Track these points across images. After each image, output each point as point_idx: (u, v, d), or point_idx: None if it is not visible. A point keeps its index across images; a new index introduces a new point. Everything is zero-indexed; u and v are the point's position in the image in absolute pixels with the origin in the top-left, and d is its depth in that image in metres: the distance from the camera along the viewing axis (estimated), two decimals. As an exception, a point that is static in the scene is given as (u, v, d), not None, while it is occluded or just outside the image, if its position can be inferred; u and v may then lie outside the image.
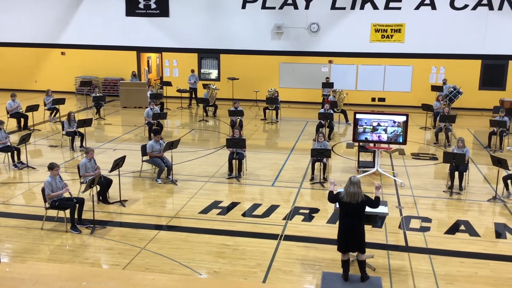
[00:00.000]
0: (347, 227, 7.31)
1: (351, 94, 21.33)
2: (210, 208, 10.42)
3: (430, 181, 12.39)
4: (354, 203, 7.20)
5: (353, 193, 7.19)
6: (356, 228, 7.27)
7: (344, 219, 7.37)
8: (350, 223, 7.29)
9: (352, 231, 7.29)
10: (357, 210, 7.25)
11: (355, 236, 7.28)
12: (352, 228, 7.28)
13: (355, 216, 7.27)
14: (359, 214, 7.29)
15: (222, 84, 22.89)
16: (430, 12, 21.18)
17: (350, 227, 7.29)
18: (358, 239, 7.29)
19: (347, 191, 7.25)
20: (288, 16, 22.27)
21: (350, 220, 7.29)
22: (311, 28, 22.24)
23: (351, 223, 7.29)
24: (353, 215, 7.27)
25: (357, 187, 7.22)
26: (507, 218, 10.08)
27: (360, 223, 7.30)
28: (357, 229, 7.28)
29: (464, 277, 7.74)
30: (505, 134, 15.54)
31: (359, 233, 7.30)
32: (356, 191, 7.20)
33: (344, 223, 7.36)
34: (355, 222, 7.27)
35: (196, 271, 7.84)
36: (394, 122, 12.09)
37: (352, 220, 7.28)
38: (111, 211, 10.24)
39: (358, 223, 7.29)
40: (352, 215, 7.28)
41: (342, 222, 7.39)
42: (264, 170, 13.03)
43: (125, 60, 24.10)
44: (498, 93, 21.04)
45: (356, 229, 7.27)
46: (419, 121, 18.82)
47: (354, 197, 7.19)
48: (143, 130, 16.98)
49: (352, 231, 7.29)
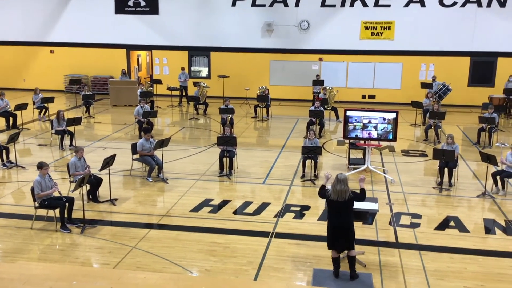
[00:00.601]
0: (335, 224, 7.33)
1: (342, 92, 21.39)
2: (201, 206, 10.40)
3: (420, 177, 12.47)
4: (342, 200, 7.20)
5: (340, 190, 7.20)
6: (345, 225, 7.29)
7: (332, 217, 7.38)
8: (339, 221, 7.30)
9: (341, 228, 7.29)
10: (345, 207, 7.26)
11: (344, 233, 7.29)
12: (341, 225, 7.29)
13: (344, 214, 7.28)
14: (347, 211, 7.30)
15: (212, 82, 22.85)
16: (419, 9, 21.28)
17: (339, 224, 7.30)
18: (347, 236, 7.29)
19: (334, 189, 7.25)
20: (278, 13, 22.27)
21: (339, 218, 7.30)
22: (301, 25, 22.26)
23: (339, 220, 7.30)
24: (341, 213, 7.28)
25: (344, 185, 7.21)
26: (496, 214, 10.17)
27: (348, 220, 7.31)
28: (346, 226, 7.29)
29: (454, 272, 7.81)
30: (494, 130, 15.67)
31: (348, 230, 7.30)
32: (343, 188, 7.20)
33: (332, 221, 7.38)
34: (343, 219, 7.28)
35: (187, 269, 7.83)
36: (384, 119, 12.15)
37: (340, 217, 7.29)
38: (101, 210, 10.19)
39: (347, 220, 7.30)
40: (340, 212, 7.28)
41: (331, 220, 7.40)
42: (255, 168, 13.04)
43: (114, 58, 23.96)
44: (487, 90, 21.20)
45: (345, 226, 7.29)
46: (409, 118, 18.92)
47: (341, 194, 7.20)
48: (133, 129, 16.91)
49: (341, 228, 7.29)
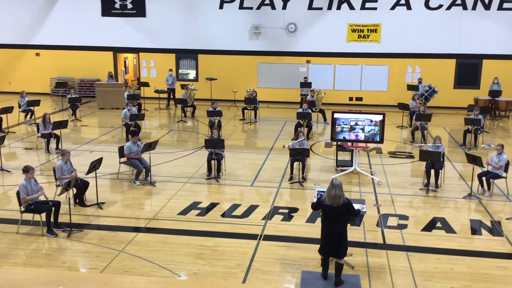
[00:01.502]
0: (329, 230, 7.24)
1: (329, 94, 21.49)
2: (189, 209, 10.36)
3: (407, 179, 12.56)
4: (336, 206, 7.11)
5: (335, 195, 7.10)
6: (338, 231, 7.20)
7: (326, 222, 7.28)
8: (332, 226, 7.21)
9: (334, 234, 7.20)
10: (339, 213, 7.16)
11: (337, 239, 7.20)
12: (335, 231, 7.20)
13: (337, 219, 7.19)
14: (341, 217, 7.21)
15: (200, 84, 22.80)
16: (405, 12, 21.46)
17: (333, 230, 7.21)
18: (340, 242, 7.21)
19: (329, 194, 7.15)
20: (266, 16, 22.31)
21: (332, 223, 7.21)
22: (289, 28, 22.32)
23: (333, 226, 7.20)
24: (335, 218, 7.19)
25: (339, 190, 7.12)
26: (482, 214, 10.27)
27: (342, 226, 7.23)
28: (339, 231, 7.20)
29: (441, 273, 7.86)
30: (480, 132, 15.84)
31: (341, 236, 7.21)
32: (338, 193, 7.10)
33: (326, 226, 7.27)
34: (337, 225, 7.19)
35: (175, 273, 7.79)
36: (371, 121, 12.22)
37: (334, 223, 7.20)
38: (88, 214, 10.11)
39: (340, 226, 7.22)
40: (334, 218, 7.19)
41: (325, 225, 7.29)
42: (243, 170, 13.03)
43: (101, 60, 23.82)
44: (472, 92, 21.43)
45: (338, 231, 7.20)
46: (395, 120, 19.05)
47: (336, 199, 7.10)
48: (121, 132, 16.81)
49: (334, 234, 7.20)
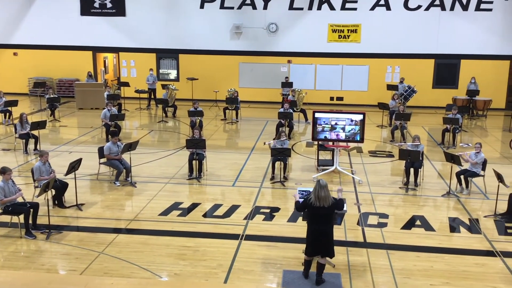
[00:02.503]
0: (318, 231, 7.21)
1: (310, 94, 21.58)
2: (170, 209, 10.31)
3: (387, 178, 12.68)
4: (326, 206, 7.12)
5: (324, 197, 7.10)
6: (327, 231, 7.22)
7: (314, 224, 7.25)
8: (322, 227, 7.19)
9: (323, 235, 7.20)
10: (328, 214, 7.19)
11: (325, 240, 7.21)
12: (324, 232, 7.20)
13: (326, 220, 7.21)
14: (329, 217, 7.24)
15: (181, 84, 22.70)
16: (385, 12, 21.68)
17: (322, 231, 7.20)
18: (328, 244, 7.23)
19: (318, 195, 7.12)
20: (247, 16, 22.32)
21: (321, 224, 7.20)
22: (270, 28, 22.36)
23: (322, 227, 7.19)
24: (323, 219, 7.20)
25: (327, 191, 7.16)
26: (461, 212, 10.43)
27: (330, 226, 7.27)
28: (328, 231, 7.22)
29: (420, 271, 7.96)
30: (458, 131, 16.07)
31: (329, 236, 7.24)
32: (327, 194, 7.13)
33: (315, 228, 7.24)
34: (326, 226, 7.21)
35: (156, 274, 7.74)
36: (352, 121, 12.31)
37: (323, 224, 7.20)
38: (68, 215, 9.98)
39: (329, 226, 7.24)
40: (322, 219, 7.20)
41: (313, 227, 7.25)
42: (224, 170, 13.01)
43: (80, 60, 23.54)
44: (450, 91, 21.74)
45: (327, 231, 7.22)
46: (375, 120, 19.22)
47: (326, 200, 7.10)
48: (100, 132, 16.64)
49: (323, 235, 7.20)
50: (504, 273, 7.92)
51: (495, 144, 16.27)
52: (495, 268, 8.10)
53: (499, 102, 21.63)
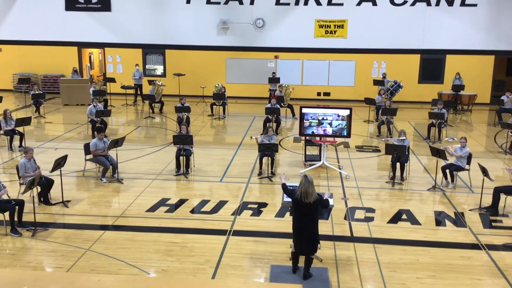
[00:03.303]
0: (302, 226, 7.27)
1: (297, 89, 21.61)
2: (158, 206, 10.28)
3: (374, 172, 12.76)
4: (309, 202, 7.17)
5: (309, 192, 7.15)
6: (312, 226, 7.27)
7: (298, 219, 7.30)
8: (306, 222, 7.25)
9: (307, 230, 7.26)
10: (311, 209, 7.24)
11: (309, 236, 7.27)
12: (308, 227, 7.26)
13: (311, 215, 7.26)
14: (314, 213, 7.30)
15: (168, 80, 22.59)
16: (371, 8, 21.75)
17: (306, 226, 7.26)
18: (312, 239, 7.29)
19: (305, 191, 7.15)
20: (234, 11, 22.24)
21: (306, 219, 7.25)
22: (257, 23, 22.32)
23: (306, 222, 7.25)
24: (308, 214, 7.25)
25: (312, 187, 7.21)
26: (446, 206, 10.54)
27: (314, 222, 7.31)
28: (313, 226, 7.27)
29: (407, 264, 8.04)
30: (443, 125, 16.21)
31: (313, 232, 7.29)
32: (310, 190, 7.17)
33: (299, 223, 7.30)
34: (310, 221, 7.25)
35: (143, 270, 7.72)
36: (339, 116, 12.36)
37: (307, 219, 7.25)
38: (54, 212, 9.90)
39: (313, 221, 7.29)
40: (307, 214, 7.25)
41: (297, 222, 7.31)
42: (212, 166, 12.99)
43: (65, 56, 23.29)
44: (436, 86, 21.91)
45: (312, 227, 7.27)
46: (362, 115, 19.32)
47: (309, 196, 7.15)
48: (86, 128, 16.51)
49: (307, 230, 7.26)
50: (488, 266, 8.03)
51: (480, 138, 16.46)
52: (480, 261, 8.20)
53: (484, 97, 21.85)
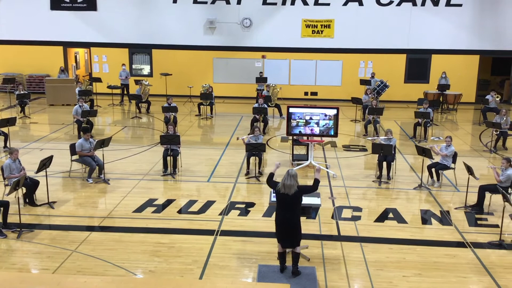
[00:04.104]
0: (281, 218, 7.39)
1: (285, 89, 21.62)
2: (145, 206, 10.23)
3: (360, 171, 12.83)
4: (290, 194, 7.28)
5: (289, 185, 7.28)
6: (290, 219, 7.33)
7: (279, 211, 7.45)
8: (285, 214, 7.36)
9: (286, 222, 7.35)
10: (291, 203, 7.33)
11: (289, 228, 7.35)
12: (287, 219, 7.34)
13: (290, 208, 7.35)
14: (294, 206, 7.36)
15: (155, 80, 22.48)
16: (357, 8, 21.86)
17: (284, 218, 7.36)
18: (292, 231, 7.36)
19: (284, 183, 7.31)
20: (220, 11, 22.21)
21: (285, 212, 7.37)
22: (244, 23, 22.31)
23: (285, 214, 7.36)
24: (288, 207, 7.35)
25: (293, 180, 7.28)
26: (432, 204, 10.64)
27: (294, 215, 7.37)
28: (291, 220, 7.33)
29: (393, 262, 8.09)
30: (429, 125, 16.35)
31: (293, 224, 7.35)
32: (291, 183, 7.28)
33: (279, 214, 7.45)
34: (289, 214, 7.35)
35: (130, 271, 7.68)
36: (326, 116, 12.40)
37: (286, 211, 7.36)
38: (39, 213, 9.81)
39: (293, 214, 7.36)
40: (287, 206, 7.36)
41: (277, 214, 7.48)
42: (199, 166, 12.96)
43: (51, 55, 23.06)
44: (422, 86, 22.08)
45: (290, 220, 7.33)
46: (349, 114, 19.41)
47: (290, 189, 7.28)
48: (72, 129, 16.37)
49: (286, 222, 7.35)
50: (474, 264, 8.12)
51: (465, 137, 16.63)
52: (466, 259, 8.29)
53: (469, 96, 22.08)
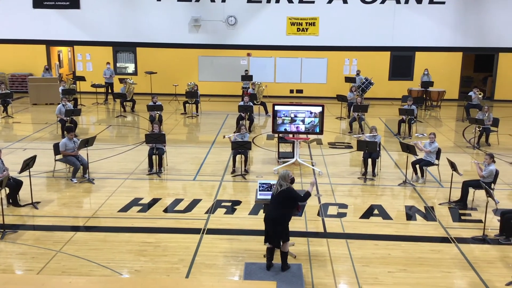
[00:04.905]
0: (267, 215, 7.51)
1: (270, 87, 21.66)
2: (130, 205, 10.16)
3: (346, 168, 12.90)
4: (275, 193, 7.43)
5: (278, 183, 7.46)
6: (274, 217, 7.36)
7: (267, 209, 7.58)
8: (271, 212, 7.44)
9: (271, 219, 7.39)
10: (277, 201, 7.39)
11: (271, 225, 7.38)
12: (271, 217, 7.39)
13: (276, 206, 7.42)
14: (280, 205, 7.40)
15: (139, 78, 22.34)
16: (341, 5, 21.95)
17: (269, 215, 7.43)
18: (275, 228, 7.37)
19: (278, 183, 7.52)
20: (205, 9, 22.13)
21: (271, 209, 7.46)
22: (229, 21, 22.27)
23: (271, 212, 7.44)
24: (274, 205, 7.44)
25: (282, 180, 7.44)
26: (417, 200, 10.73)
27: (276, 213, 7.38)
28: (273, 218, 7.36)
29: (378, 258, 8.16)
30: (413, 121, 16.50)
31: (275, 222, 7.35)
32: (279, 182, 7.44)
33: (266, 213, 7.57)
34: (275, 212, 7.39)
35: (116, 271, 7.62)
36: (311, 113, 12.43)
37: (273, 209, 7.43)
38: (23, 214, 9.69)
39: (275, 213, 7.39)
40: (272, 204, 7.47)
41: (266, 212, 7.58)
42: (185, 165, 12.92)
43: (33, 54, 22.79)
44: (406, 83, 22.28)
45: (274, 217, 7.36)
46: (334, 112, 19.49)
47: (277, 187, 7.45)
48: (56, 128, 16.19)
49: (271, 219, 7.39)
50: (458, 259, 8.21)
51: (448, 133, 16.81)
52: (450, 254, 8.38)
53: (453, 93, 22.33)
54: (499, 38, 21.88)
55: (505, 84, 22.48)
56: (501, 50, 22.14)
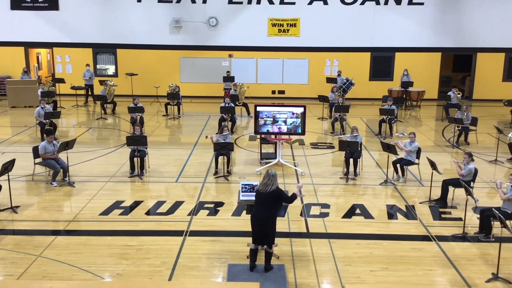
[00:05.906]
0: (255, 215, 7.46)
1: (252, 87, 21.63)
2: (112, 208, 10.07)
3: (328, 169, 12.97)
4: (265, 192, 7.37)
5: (266, 183, 7.40)
6: (263, 217, 7.36)
7: (255, 209, 7.54)
8: (258, 212, 7.42)
9: (259, 219, 7.39)
10: (266, 200, 7.38)
11: (262, 226, 7.38)
12: (260, 217, 7.38)
13: (264, 206, 7.40)
14: (268, 205, 7.41)
15: (120, 80, 22.16)
16: (322, 7, 22.06)
17: (258, 215, 7.41)
18: (265, 229, 7.38)
19: (262, 182, 7.49)
20: (186, 10, 22.06)
21: (259, 209, 7.43)
22: (210, 22, 22.22)
23: (259, 212, 7.41)
24: (262, 205, 7.41)
25: (272, 179, 7.40)
26: (398, 199, 10.84)
27: (267, 213, 7.39)
28: (264, 218, 7.36)
29: (361, 257, 8.22)
30: (394, 121, 16.66)
31: (266, 222, 7.38)
32: (269, 182, 7.39)
33: (253, 212, 7.53)
34: (263, 212, 7.39)
35: (97, 275, 7.55)
36: (293, 114, 12.46)
37: (261, 209, 7.41)
38: (2, 218, 9.53)
39: (266, 213, 7.39)
40: (261, 204, 7.42)
41: (253, 212, 7.55)
42: (167, 167, 12.85)
43: (11, 56, 22.42)
44: (386, 83, 22.48)
45: (263, 218, 7.36)
46: (316, 112, 19.58)
47: (266, 187, 7.39)
48: (35, 131, 15.96)
49: (259, 219, 7.39)
50: (439, 257, 8.31)
51: (428, 133, 17.02)
52: (431, 252, 8.48)
53: (432, 93, 22.61)
54: (477, 38, 22.23)
55: (483, 83, 22.85)
56: (479, 50, 22.50)
